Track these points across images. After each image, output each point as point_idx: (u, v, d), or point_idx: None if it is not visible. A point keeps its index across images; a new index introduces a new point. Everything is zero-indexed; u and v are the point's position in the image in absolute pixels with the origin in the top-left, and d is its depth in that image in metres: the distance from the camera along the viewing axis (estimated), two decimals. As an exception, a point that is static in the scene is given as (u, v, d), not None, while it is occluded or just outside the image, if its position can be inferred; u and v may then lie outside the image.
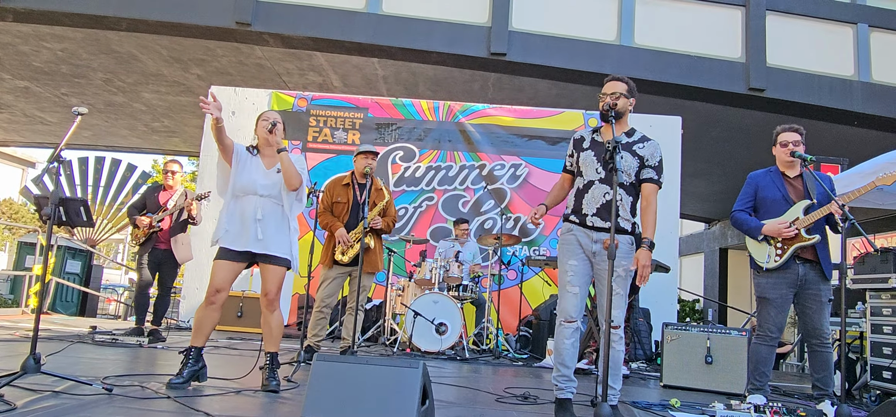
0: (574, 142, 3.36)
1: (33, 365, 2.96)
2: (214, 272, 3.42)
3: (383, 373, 2.45)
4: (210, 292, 3.42)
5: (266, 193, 3.49)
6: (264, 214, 3.45)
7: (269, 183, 3.51)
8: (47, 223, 3.23)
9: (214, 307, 3.43)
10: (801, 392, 5.02)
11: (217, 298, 3.42)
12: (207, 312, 3.43)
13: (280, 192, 3.53)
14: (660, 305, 7.32)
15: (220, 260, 3.43)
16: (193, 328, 3.49)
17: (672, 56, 8.68)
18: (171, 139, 14.25)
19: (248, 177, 3.49)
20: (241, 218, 3.45)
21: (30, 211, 19.89)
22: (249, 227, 3.42)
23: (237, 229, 3.44)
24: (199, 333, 3.46)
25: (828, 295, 3.86)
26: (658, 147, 3.24)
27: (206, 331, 3.47)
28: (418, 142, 8.32)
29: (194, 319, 3.50)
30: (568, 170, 3.38)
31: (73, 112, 3.49)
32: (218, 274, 3.41)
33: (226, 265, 3.43)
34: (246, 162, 3.55)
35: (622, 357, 3.21)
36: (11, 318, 7.69)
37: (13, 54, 9.87)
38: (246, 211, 3.45)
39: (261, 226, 3.42)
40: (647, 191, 3.19)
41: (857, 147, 9.03)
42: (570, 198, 3.29)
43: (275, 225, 3.49)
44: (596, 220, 3.14)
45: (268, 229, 3.45)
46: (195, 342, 3.44)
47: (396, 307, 6.79)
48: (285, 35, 8.58)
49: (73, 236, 10.50)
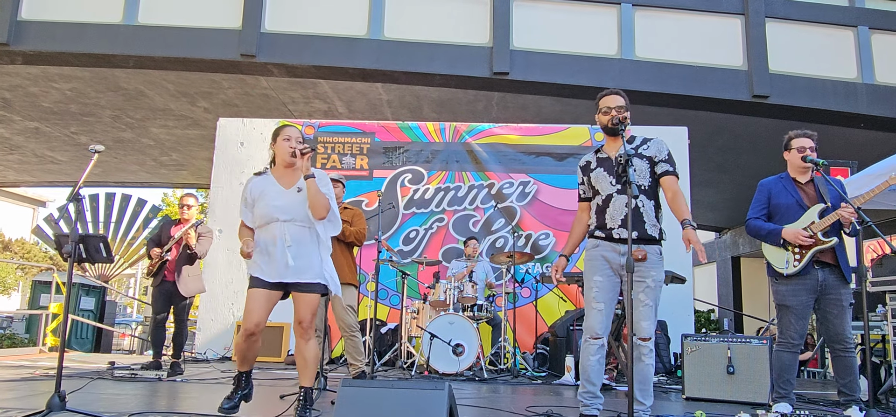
0: (581, 169, 3.42)
1: (58, 403, 2.98)
2: (249, 308, 3.26)
3: (409, 396, 2.44)
4: (248, 328, 3.25)
5: (288, 217, 3.29)
6: (293, 240, 3.27)
7: (287, 204, 3.31)
8: (69, 260, 3.26)
9: (254, 338, 3.28)
10: (826, 399, 4.96)
11: (254, 333, 3.26)
12: (248, 344, 3.29)
13: (306, 214, 3.32)
14: (677, 316, 7.28)
15: (252, 289, 3.28)
16: (237, 356, 3.40)
17: (674, 67, 8.73)
18: (179, 172, 14.36)
19: (265, 206, 3.31)
20: (266, 249, 3.29)
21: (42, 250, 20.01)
22: (277, 256, 3.25)
23: (264, 260, 3.28)
24: (244, 361, 3.36)
25: (849, 298, 3.83)
26: (662, 142, 3.33)
27: (251, 359, 3.37)
28: (426, 163, 8.36)
29: (236, 349, 3.42)
30: (583, 198, 3.42)
31: (90, 150, 3.55)
32: (254, 311, 3.24)
33: (258, 293, 3.26)
34: (262, 192, 3.36)
35: (652, 372, 3.17)
36: (30, 357, 7.71)
37: (23, 96, 10.01)
38: (270, 239, 3.28)
39: (291, 253, 3.24)
40: (668, 183, 3.22)
41: (865, 149, 9.01)
42: (593, 216, 3.31)
43: (305, 250, 3.31)
44: (622, 232, 3.15)
45: (300, 255, 3.27)
46: (242, 368, 3.36)
47: (412, 329, 6.78)
48: (290, 64, 8.68)
49: (85, 273, 10.55)
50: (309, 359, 3.30)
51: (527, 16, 8.87)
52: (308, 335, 3.30)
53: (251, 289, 3.27)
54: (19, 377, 5.33)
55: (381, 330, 7.33)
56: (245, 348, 3.30)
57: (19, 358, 7.50)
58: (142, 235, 13.29)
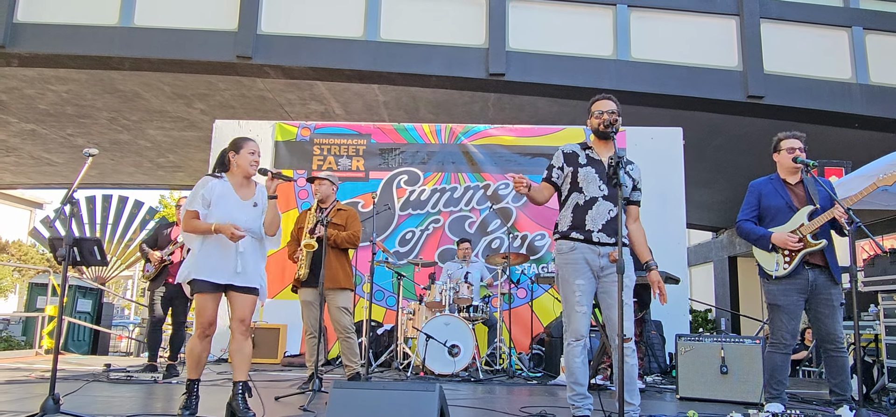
0: (565, 156, 3.35)
1: (53, 406, 3.00)
2: (203, 307, 3.43)
3: (401, 398, 2.47)
4: (204, 326, 3.46)
5: (246, 227, 3.47)
6: (245, 247, 3.47)
7: (246, 216, 3.51)
8: (63, 264, 3.28)
9: (209, 340, 3.52)
10: (820, 399, 4.99)
11: (211, 331, 3.49)
12: (204, 345, 3.50)
13: (259, 226, 3.57)
14: (672, 317, 7.30)
15: (204, 295, 3.42)
16: (192, 362, 3.50)
17: (670, 68, 8.75)
18: (176, 174, 14.36)
19: (226, 214, 3.45)
20: (219, 251, 3.43)
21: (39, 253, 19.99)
22: (230, 260, 3.43)
23: (215, 262, 3.42)
24: (199, 366, 3.51)
25: (839, 298, 3.86)
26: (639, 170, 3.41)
27: (203, 363, 3.54)
28: (422, 165, 8.37)
29: (191, 353, 3.50)
30: (552, 181, 3.35)
31: (84, 153, 3.56)
32: (208, 309, 3.44)
33: (210, 298, 3.44)
34: (220, 197, 3.49)
35: (636, 371, 3.22)
36: (26, 359, 7.72)
37: (19, 98, 10.01)
38: (225, 243, 3.43)
39: (242, 259, 3.44)
40: (635, 212, 3.36)
41: (860, 150, 9.04)
42: (568, 214, 3.31)
43: (252, 258, 3.53)
44: (602, 236, 3.21)
45: (248, 262, 3.48)
46: (195, 374, 3.49)
47: (408, 331, 6.80)
48: (286, 66, 8.69)
49: (82, 275, 10.55)
50: (247, 354, 3.52)
51: (523, 17, 8.89)
52: (249, 333, 3.57)
53: (201, 295, 3.43)
54: (15, 379, 5.33)
55: (377, 331, 7.35)
56: (201, 350, 3.49)
57: (16, 361, 7.50)
58: (139, 237, 13.29)
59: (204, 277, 3.40)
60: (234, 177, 3.58)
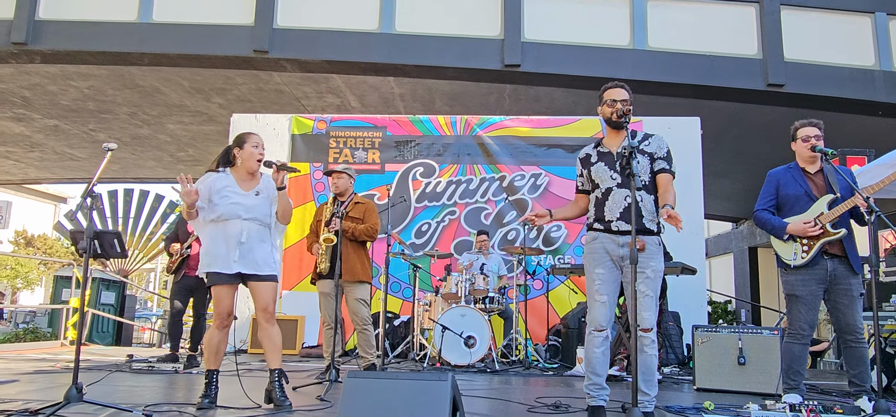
0: (581, 161, 3.43)
1: (76, 395, 3.06)
2: (220, 298, 3.51)
3: (413, 388, 2.49)
4: (222, 317, 3.53)
5: (249, 216, 3.53)
6: (249, 236, 3.50)
7: (250, 204, 3.55)
8: (84, 256, 3.35)
9: (226, 331, 3.57)
10: (839, 390, 4.93)
11: (229, 321, 3.56)
12: (222, 336, 3.56)
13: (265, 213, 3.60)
14: (690, 308, 7.24)
15: (219, 286, 3.49)
16: (210, 352, 3.57)
17: (687, 57, 8.65)
18: (196, 168, 14.52)
19: (228, 204, 3.50)
20: (225, 241, 3.48)
21: (64, 246, 20.39)
22: (234, 249, 3.47)
23: (223, 252, 3.47)
24: (217, 357, 3.58)
25: (859, 289, 3.80)
26: (663, 139, 3.35)
27: (222, 354, 3.61)
28: (437, 157, 8.38)
29: (209, 344, 3.57)
30: (580, 190, 3.45)
31: (103, 148, 3.62)
32: (225, 300, 3.51)
33: (225, 289, 3.51)
34: (222, 189, 3.54)
35: (656, 363, 3.19)
36: (51, 350, 7.90)
37: (42, 94, 10.20)
38: (230, 233, 3.48)
39: (245, 248, 3.48)
40: (662, 180, 3.25)
41: (882, 137, 8.86)
42: (592, 208, 3.34)
43: (259, 245, 3.55)
44: (621, 224, 3.18)
45: (254, 250, 3.51)
46: (214, 365, 3.56)
47: (424, 322, 6.83)
48: (302, 60, 8.75)
49: (106, 268, 10.75)
50: (277, 341, 3.59)
51: (538, 7, 8.84)
52: (273, 320, 3.61)
53: (217, 288, 3.50)
54: (41, 369, 5.47)
55: (393, 322, 7.39)
56: (220, 340, 3.55)
57: (42, 352, 7.68)
58: (160, 230, 13.51)
59: (217, 269, 3.47)
60: (239, 172, 3.64)
